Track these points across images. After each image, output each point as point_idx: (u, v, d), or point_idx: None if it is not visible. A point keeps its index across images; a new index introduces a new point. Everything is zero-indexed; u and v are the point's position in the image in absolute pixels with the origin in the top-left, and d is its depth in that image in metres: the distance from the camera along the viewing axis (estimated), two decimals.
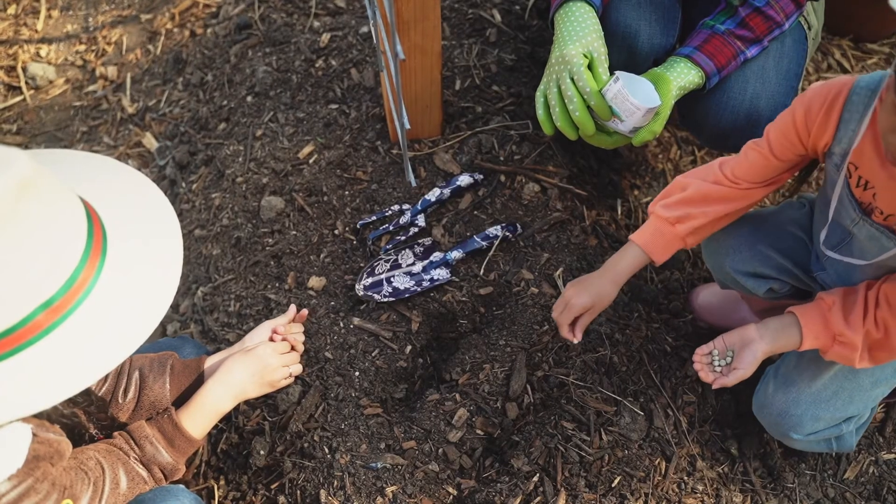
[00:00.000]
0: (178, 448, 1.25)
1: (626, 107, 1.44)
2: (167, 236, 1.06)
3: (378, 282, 1.78)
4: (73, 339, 0.92)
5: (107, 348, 0.94)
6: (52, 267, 0.90)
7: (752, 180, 1.41)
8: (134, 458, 1.19)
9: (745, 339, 1.38)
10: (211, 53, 2.45)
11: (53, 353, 0.91)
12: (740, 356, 1.37)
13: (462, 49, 2.19)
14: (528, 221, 1.87)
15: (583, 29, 1.50)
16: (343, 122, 2.07)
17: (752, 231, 1.53)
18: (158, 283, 1.01)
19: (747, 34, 1.57)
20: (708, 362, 1.41)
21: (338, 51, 2.24)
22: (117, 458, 1.17)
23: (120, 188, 1.11)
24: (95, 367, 0.93)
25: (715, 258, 1.59)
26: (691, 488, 1.58)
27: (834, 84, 1.26)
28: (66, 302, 0.91)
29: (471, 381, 1.66)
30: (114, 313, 0.96)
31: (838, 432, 1.52)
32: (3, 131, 2.51)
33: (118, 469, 1.15)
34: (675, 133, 2.29)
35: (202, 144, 2.23)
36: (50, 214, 0.90)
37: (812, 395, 1.47)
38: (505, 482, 1.54)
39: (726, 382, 1.37)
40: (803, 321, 1.34)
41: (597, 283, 1.49)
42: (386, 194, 1.93)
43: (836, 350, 1.33)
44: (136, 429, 1.23)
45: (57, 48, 2.71)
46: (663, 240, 1.47)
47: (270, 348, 1.38)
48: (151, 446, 1.22)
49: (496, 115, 2.02)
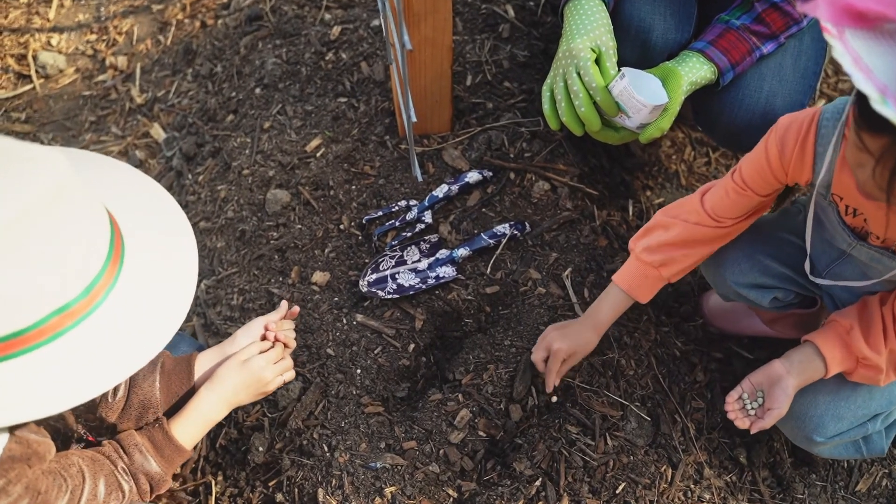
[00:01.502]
0: (167, 458, 1.22)
1: (632, 103, 1.41)
2: (184, 250, 1.06)
3: (382, 278, 1.75)
4: (81, 347, 0.91)
5: (111, 362, 0.93)
6: (77, 272, 0.90)
7: (735, 216, 1.38)
8: (121, 467, 1.17)
9: (772, 377, 1.34)
10: (221, 45, 2.43)
11: (59, 359, 0.90)
12: (772, 395, 1.34)
13: (474, 44, 2.15)
14: (536, 220, 1.83)
15: (591, 23, 1.46)
16: (352, 116, 2.04)
17: (749, 242, 1.49)
18: (173, 297, 1.00)
19: (763, 30, 1.53)
20: (740, 407, 1.37)
21: (348, 44, 2.21)
22: (100, 467, 1.14)
23: (135, 194, 1.10)
24: (94, 382, 0.92)
25: (715, 274, 1.55)
26: (698, 496, 1.54)
27: (803, 118, 1.23)
28: (80, 308, 0.90)
29: (474, 381, 1.63)
30: (124, 324, 0.94)
31: (864, 432, 1.44)
32: (12, 119, 2.50)
33: (99, 479, 1.12)
34: (690, 134, 2.25)
35: (210, 136, 2.21)
36: (77, 219, 0.90)
37: (830, 393, 1.41)
38: (506, 486, 1.50)
39: (764, 425, 1.33)
40: (824, 350, 1.31)
41: (579, 330, 1.50)
42: (393, 190, 1.90)
43: (860, 373, 1.30)
44: (126, 437, 1.21)
45: (68, 37, 2.70)
46: (647, 282, 1.46)
47: (264, 360, 1.33)
48: (140, 455, 1.19)
49: (507, 112, 1.99)
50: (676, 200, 1.47)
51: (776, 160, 1.26)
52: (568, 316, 1.69)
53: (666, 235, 1.42)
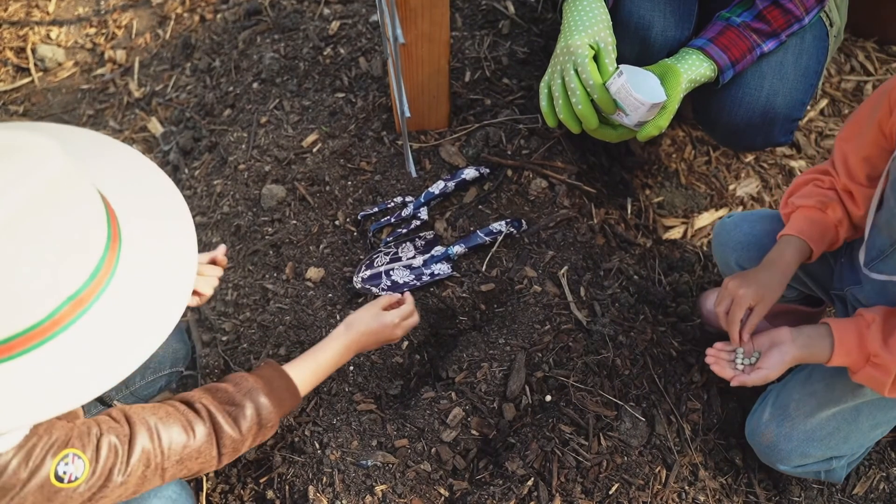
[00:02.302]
0: (276, 395, 1.22)
1: (629, 101, 1.39)
2: (176, 217, 1.04)
3: (377, 274, 1.74)
4: (96, 333, 0.90)
5: (131, 342, 0.92)
6: (81, 259, 0.89)
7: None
8: (224, 411, 1.16)
9: (775, 340, 1.28)
10: (220, 39, 2.42)
11: (78, 346, 0.88)
12: (768, 356, 1.27)
13: (474, 40, 2.14)
14: (533, 218, 1.82)
15: (590, 19, 1.45)
16: (349, 112, 2.03)
17: (767, 233, 1.47)
18: (176, 271, 0.99)
19: (764, 27, 1.51)
20: (729, 359, 1.32)
21: (347, 39, 2.20)
22: (175, 419, 1.11)
23: (123, 170, 1.08)
24: (121, 360, 0.91)
25: (723, 251, 1.54)
26: (692, 498, 1.52)
27: None
28: (88, 294, 0.89)
29: (468, 379, 1.61)
30: (134, 303, 0.93)
31: (828, 467, 1.45)
32: (10, 112, 2.49)
33: (172, 426, 1.10)
34: (691, 132, 2.23)
35: (206, 131, 2.20)
36: (78, 205, 0.89)
37: (806, 433, 1.40)
38: (498, 485, 1.49)
39: (746, 381, 1.27)
40: (837, 335, 1.24)
41: (763, 275, 1.32)
42: (389, 186, 1.88)
43: (866, 372, 1.23)
44: (234, 376, 1.21)
45: (67, 31, 2.69)
46: (817, 228, 1.33)
47: (397, 315, 1.44)
48: (249, 394, 1.19)
49: (505, 109, 1.97)
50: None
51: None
52: (564, 315, 1.67)
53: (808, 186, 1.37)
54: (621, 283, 1.75)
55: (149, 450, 1.06)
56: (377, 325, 1.41)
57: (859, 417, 1.40)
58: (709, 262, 1.99)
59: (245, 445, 1.19)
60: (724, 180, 2.16)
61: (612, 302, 1.70)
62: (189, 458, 1.11)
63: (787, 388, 1.47)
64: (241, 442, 1.18)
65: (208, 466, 1.15)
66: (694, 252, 2.01)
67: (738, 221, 1.57)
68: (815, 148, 2.21)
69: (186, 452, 1.11)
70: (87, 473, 0.98)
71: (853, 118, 1.32)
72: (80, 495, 0.98)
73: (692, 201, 2.12)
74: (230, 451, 1.17)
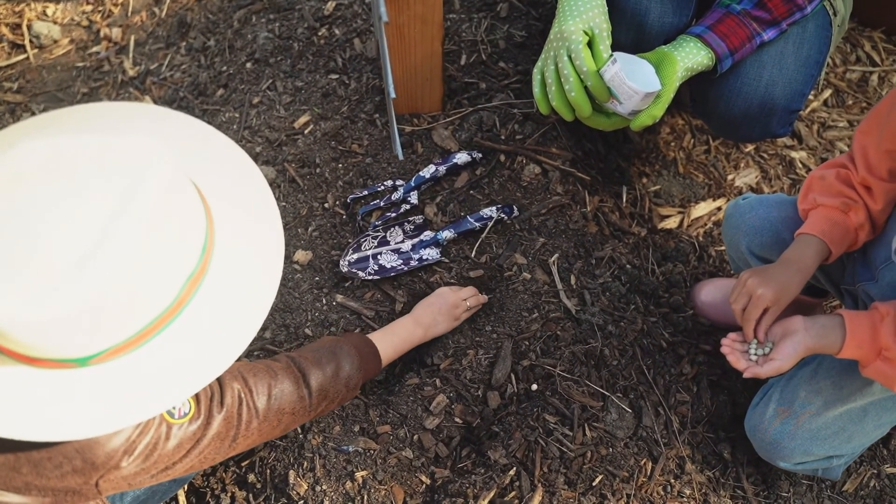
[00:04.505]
0: (364, 359, 1.37)
1: (623, 90, 1.36)
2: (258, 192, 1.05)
3: (364, 258, 1.71)
4: (214, 307, 0.91)
5: (242, 315, 0.93)
6: (195, 237, 0.89)
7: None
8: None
9: (788, 330, 1.25)
10: (215, 18, 2.39)
11: (197, 326, 0.90)
12: (781, 347, 1.25)
13: (471, 23, 2.10)
14: (525, 204, 1.79)
15: (585, 4, 1.41)
16: (342, 93, 2.00)
17: (781, 219, 1.43)
18: (267, 245, 1.00)
19: (765, 15, 1.47)
20: (743, 350, 1.30)
21: (342, 20, 2.17)
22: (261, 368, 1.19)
23: (219, 168, 1.06)
24: (241, 332, 0.92)
25: (734, 234, 1.50)
26: (678, 492, 1.50)
27: None
28: (199, 274, 0.90)
29: (453, 366, 1.59)
30: (237, 278, 0.94)
31: (827, 465, 1.44)
32: (4, 89, 2.47)
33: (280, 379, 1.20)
34: (690, 121, 2.19)
35: (199, 111, 2.17)
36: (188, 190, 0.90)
37: (811, 432, 1.38)
38: (480, 474, 1.47)
39: (759, 372, 1.25)
40: (850, 326, 1.21)
41: (782, 276, 1.29)
42: (380, 169, 1.86)
43: (877, 366, 1.20)
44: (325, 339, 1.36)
45: (63, 8, 2.66)
46: (837, 229, 1.31)
47: (463, 294, 1.61)
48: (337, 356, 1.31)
49: (500, 93, 1.94)
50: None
51: None
52: (553, 303, 1.64)
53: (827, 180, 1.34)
54: (613, 272, 1.73)
55: (239, 390, 1.13)
56: (434, 296, 1.58)
57: (865, 418, 1.38)
58: (704, 252, 1.96)
59: (334, 401, 1.31)
60: (722, 170, 2.13)
61: (602, 291, 1.68)
62: (280, 410, 1.19)
63: (791, 384, 1.44)
64: (328, 391, 1.27)
65: (300, 417, 1.23)
66: (689, 242, 1.97)
67: (753, 204, 1.53)
68: (817, 139, 2.17)
69: (276, 402, 1.18)
70: (193, 412, 1.05)
71: (874, 111, 1.29)
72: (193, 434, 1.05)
73: (689, 191, 2.09)
74: (318, 398, 1.26)
